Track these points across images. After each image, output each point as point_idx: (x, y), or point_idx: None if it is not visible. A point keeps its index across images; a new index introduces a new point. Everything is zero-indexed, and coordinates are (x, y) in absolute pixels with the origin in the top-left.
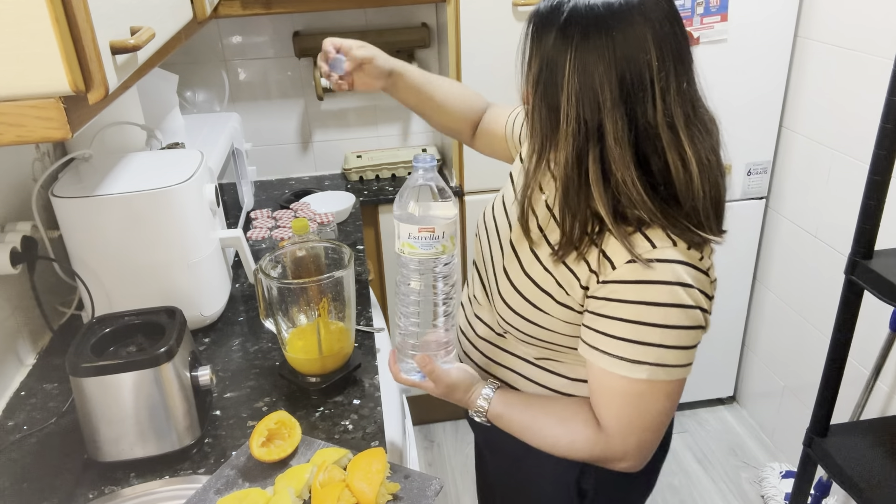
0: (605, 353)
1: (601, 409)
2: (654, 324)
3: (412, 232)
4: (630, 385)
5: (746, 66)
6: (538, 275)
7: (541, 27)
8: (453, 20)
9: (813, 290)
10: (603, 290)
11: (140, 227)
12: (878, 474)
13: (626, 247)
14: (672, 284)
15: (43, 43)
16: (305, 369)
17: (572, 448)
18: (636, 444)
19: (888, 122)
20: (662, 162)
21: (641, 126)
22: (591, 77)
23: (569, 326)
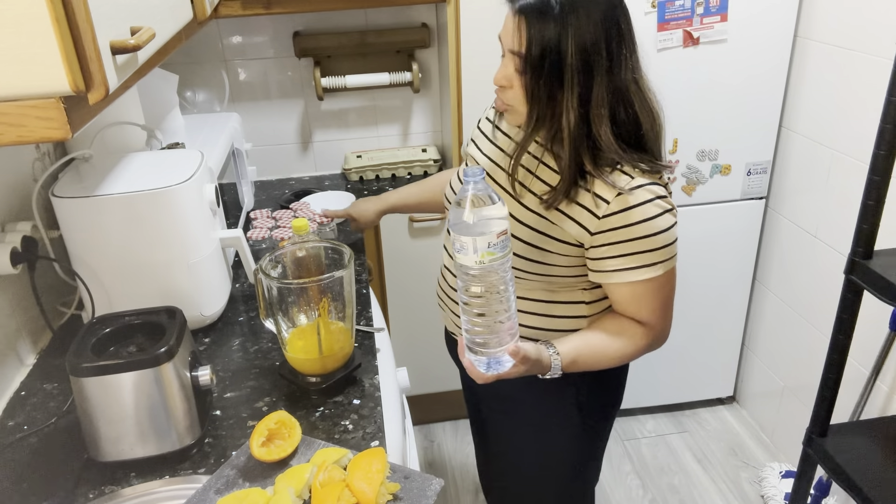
0: (631, 269)
1: (638, 311)
2: (656, 232)
3: (491, 240)
4: (653, 283)
5: (746, 66)
6: (531, 220)
7: (536, 19)
8: (453, 20)
9: (813, 290)
10: (607, 223)
11: (140, 227)
12: (878, 474)
13: (612, 184)
14: (654, 199)
15: (43, 43)
16: (305, 369)
17: (636, 351)
18: (668, 320)
19: (888, 122)
20: (630, 115)
21: (615, 85)
22: (587, 51)
23: (569, 258)
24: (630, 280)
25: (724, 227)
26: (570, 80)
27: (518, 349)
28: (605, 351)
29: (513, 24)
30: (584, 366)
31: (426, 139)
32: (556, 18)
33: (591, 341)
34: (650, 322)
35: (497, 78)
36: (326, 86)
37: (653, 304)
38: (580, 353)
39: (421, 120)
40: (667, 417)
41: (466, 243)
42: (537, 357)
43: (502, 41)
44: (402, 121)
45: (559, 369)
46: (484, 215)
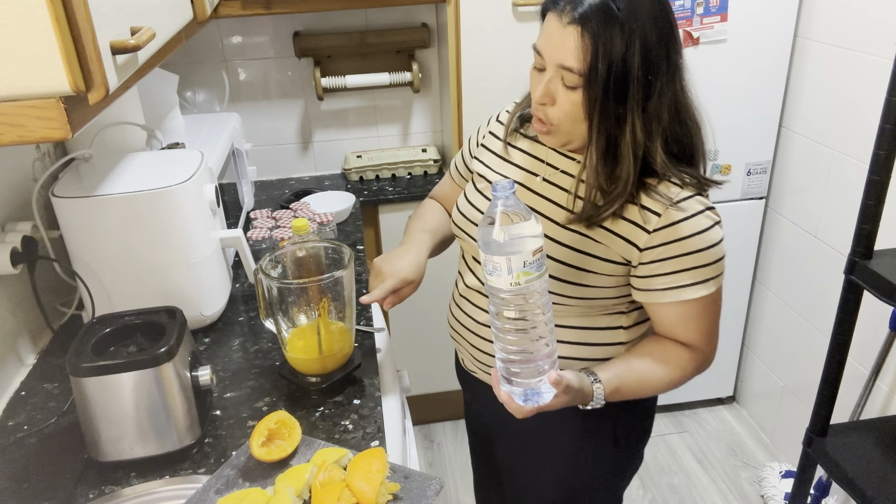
0: (683, 287)
1: (686, 333)
2: (707, 246)
3: (527, 259)
4: (704, 301)
5: (746, 66)
6: (572, 240)
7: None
8: (453, 20)
9: (813, 290)
10: (658, 238)
11: (140, 227)
12: (878, 474)
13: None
14: (704, 211)
15: (43, 43)
16: (306, 369)
17: (683, 377)
18: (716, 342)
19: (888, 122)
20: (680, 125)
21: (671, 95)
22: (651, 59)
23: (612, 279)
24: (681, 299)
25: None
26: (635, 94)
27: (560, 378)
28: (650, 378)
29: (566, 36)
30: (628, 394)
31: (426, 139)
32: (622, 26)
33: (635, 367)
34: (698, 345)
35: (539, 95)
36: (326, 86)
37: (702, 325)
38: (623, 381)
39: (421, 120)
40: (667, 417)
41: (500, 264)
42: (579, 386)
43: (543, 54)
44: (402, 121)
45: (602, 398)
46: (516, 233)
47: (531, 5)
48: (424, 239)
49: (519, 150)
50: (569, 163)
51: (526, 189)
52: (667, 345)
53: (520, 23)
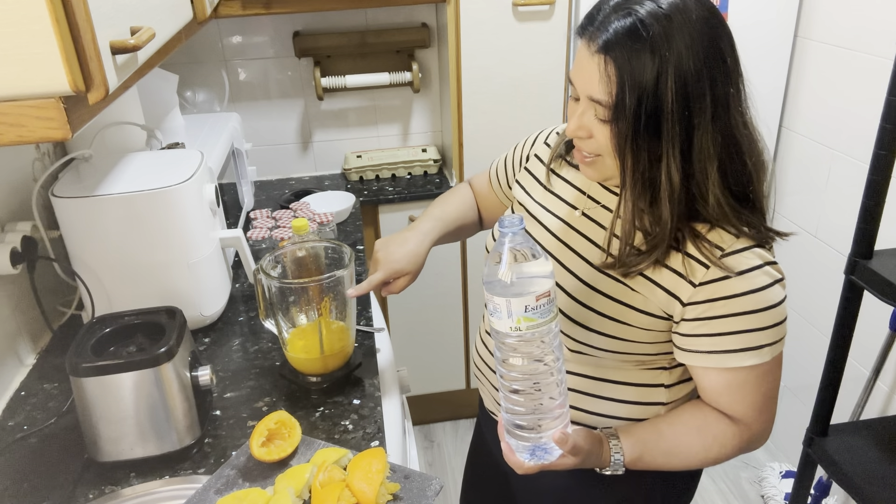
0: (728, 353)
1: (731, 404)
2: (765, 307)
3: (529, 303)
4: (756, 370)
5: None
6: (609, 287)
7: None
8: (453, 20)
9: (813, 290)
10: (704, 293)
11: (140, 227)
12: (878, 474)
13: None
14: (763, 266)
15: (43, 43)
16: (307, 369)
17: (722, 452)
18: (770, 418)
19: (888, 122)
20: (739, 164)
21: (723, 131)
22: (688, 92)
23: (651, 333)
24: (728, 366)
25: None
26: (670, 130)
27: (566, 437)
28: (681, 450)
29: (594, 66)
30: (653, 465)
31: (426, 139)
32: (652, 53)
33: (664, 435)
34: (745, 419)
35: (571, 129)
36: (326, 86)
37: (752, 398)
38: (648, 449)
39: (421, 120)
40: None
41: (500, 305)
42: (591, 448)
43: (576, 85)
44: (402, 121)
45: (621, 465)
46: (523, 272)
47: (531, 5)
48: (432, 227)
49: (562, 180)
50: (612, 198)
51: (565, 224)
52: (707, 414)
53: (520, 23)
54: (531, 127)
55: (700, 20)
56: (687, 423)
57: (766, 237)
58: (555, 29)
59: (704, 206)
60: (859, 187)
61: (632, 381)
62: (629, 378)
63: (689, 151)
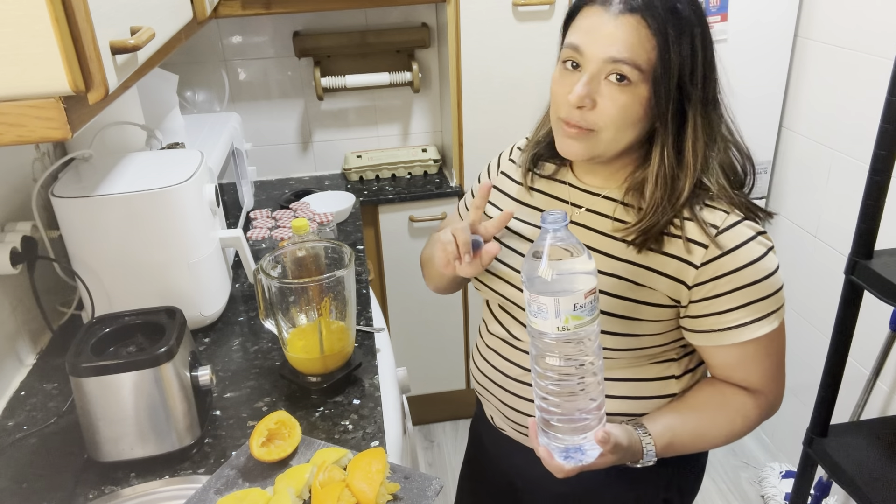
0: (741, 326)
1: (746, 376)
2: (766, 275)
3: (578, 301)
4: (766, 339)
5: (746, 66)
6: (615, 286)
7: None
8: (453, 20)
9: (813, 290)
10: (708, 272)
11: (140, 227)
12: (877, 474)
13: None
14: (756, 237)
15: (43, 43)
16: (307, 369)
17: (747, 425)
18: (783, 382)
19: (888, 122)
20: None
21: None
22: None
23: (661, 324)
24: (741, 340)
25: None
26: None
27: (608, 436)
28: (707, 429)
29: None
30: (682, 449)
31: (426, 139)
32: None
33: (689, 419)
34: (762, 388)
35: (577, 97)
36: (326, 86)
37: (765, 366)
38: (677, 434)
39: (421, 120)
40: None
41: (546, 305)
42: (629, 443)
43: (584, 50)
44: (402, 121)
45: (653, 455)
46: (566, 269)
47: (531, 5)
48: None
49: (538, 192)
50: (594, 200)
51: None
52: (725, 390)
53: (520, 22)
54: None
55: None
56: (708, 402)
57: (755, 212)
58: (555, 29)
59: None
60: (859, 187)
61: (644, 377)
62: (641, 374)
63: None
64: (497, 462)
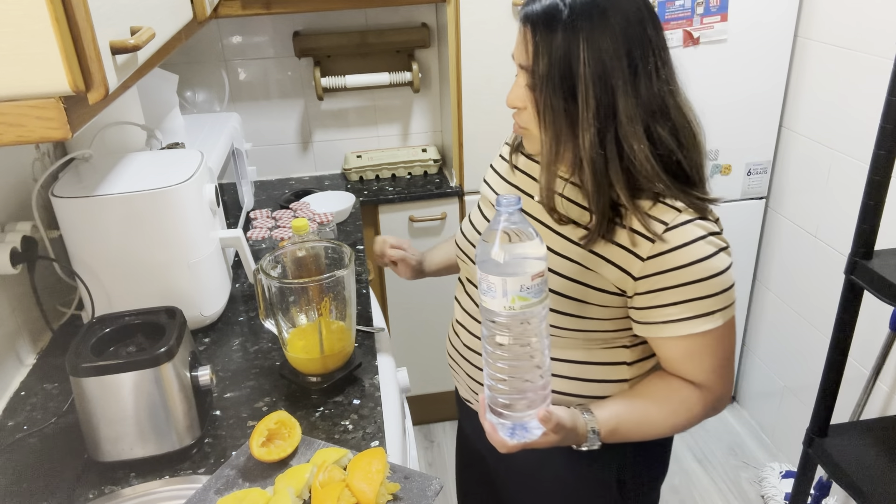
0: (682, 321)
1: (692, 371)
2: (712, 274)
3: (524, 283)
4: (711, 336)
5: (746, 66)
6: (564, 268)
7: (542, 27)
8: (453, 20)
9: (813, 290)
10: (653, 266)
11: (140, 227)
12: (878, 474)
13: (655, 219)
14: (707, 236)
15: (43, 43)
16: (307, 369)
17: (690, 419)
18: (729, 381)
19: (888, 122)
20: (668, 131)
21: (646, 98)
22: (603, 61)
23: (608, 310)
24: (684, 333)
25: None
26: (585, 94)
27: (550, 415)
28: (652, 419)
29: (520, 35)
30: (627, 436)
31: (426, 139)
32: (566, 25)
33: (635, 407)
34: (707, 383)
35: (509, 99)
36: (326, 86)
37: (710, 362)
38: (622, 422)
39: (421, 120)
40: None
41: (495, 284)
42: (572, 425)
43: (515, 57)
44: (402, 121)
45: (597, 440)
46: (517, 253)
47: None
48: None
49: (519, 171)
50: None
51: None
52: (672, 383)
53: None
54: None
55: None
56: (654, 393)
57: (705, 208)
58: None
59: (636, 170)
60: (859, 187)
61: (595, 361)
62: (592, 357)
63: (612, 116)
64: (467, 434)
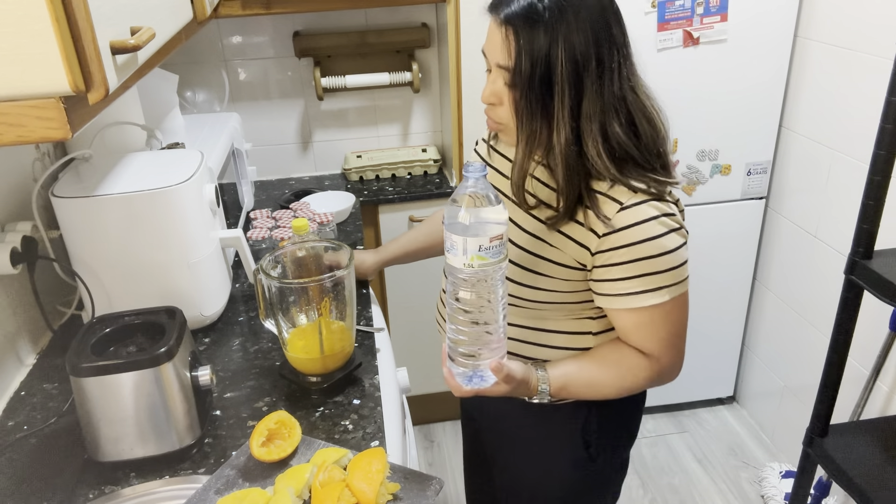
0: (631, 294)
1: (642, 341)
2: (660, 253)
3: (483, 243)
4: (659, 310)
5: (746, 66)
6: (528, 243)
7: (523, 27)
8: (453, 20)
9: (813, 290)
10: (607, 243)
11: (140, 227)
12: (878, 474)
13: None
14: (659, 217)
15: (43, 43)
16: (307, 369)
17: (636, 383)
18: (678, 353)
19: (888, 122)
20: (625, 126)
21: (607, 97)
22: (576, 60)
23: (568, 283)
24: (633, 306)
25: (724, 227)
26: (561, 93)
27: (501, 366)
28: (599, 380)
29: (499, 36)
30: (576, 394)
31: (426, 139)
32: (546, 26)
33: (585, 368)
34: (655, 354)
35: (485, 95)
36: (326, 86)
37: (659, 334)
38: (571, 380)
39: (421, 120)
40: (667, 417)
41: (457, 243)
42: (524, 377)
43: (487, 56)
44: (402, 121)
45: (546, 394)
46: (481, 217)
47: None
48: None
49: (499, 155)
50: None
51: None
52: (623, 349)
53: None
54: None
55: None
56: (606, 357)
57: (664, 191)
58: None
59: (587, 160)
60: (859, 187)
61: (562, 330)
62: (560, 327)
63: (578, 112)
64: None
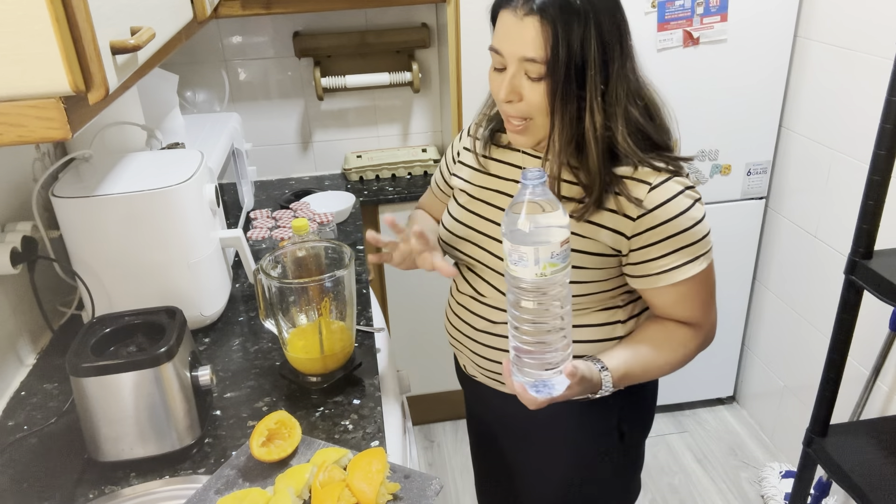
0: (673, 269)
1: (685, 312)
2: (693, 224)
3: (555, 250)
4: (698, 278)
5: (746, 66)
6: None
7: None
8: (453, 20)
9: (813, 290)
10: (643, 224)
11: (140, 227)
12: (878, 474)
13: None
14: (684, 191)
15: (43, 43)
16: (307, 369)
17: (687, 355)
18: (715, 312)
19: (888, 122)
20: (641, 108)
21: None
22: (605, 45)
23: (603, 272)
24: (677, 280)
25: (724, 227)
26: (594, 78)
27: (575, 369)
28: (655, 361)
29: (524, 28)
30: (635, 378)
31: (426, 139)
32: (578, 12)
33: (640, 352)
34: (698, 321)
35: (506, 92)
36: (326, 86)
37: (699, 301)
38: (630, 366)
39: (421, 120)
40: (667, 417)
41: (526, 254)
42: (590, 375)
43: (503, 52)
44: (402, 121)
45: (610, 386)
46: (542, 223)
47: None
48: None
49: (495, 161)
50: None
51: (507, 197)
52: (667, 325)
53: None
54: None
55: None
56: (654, 337)
57: (681, 167)
58: None
59: (616, 145)
60: (859, 187)
61: (592, 323)
62: (590, 321)
63: (606, 97)
64: (472, 406)
